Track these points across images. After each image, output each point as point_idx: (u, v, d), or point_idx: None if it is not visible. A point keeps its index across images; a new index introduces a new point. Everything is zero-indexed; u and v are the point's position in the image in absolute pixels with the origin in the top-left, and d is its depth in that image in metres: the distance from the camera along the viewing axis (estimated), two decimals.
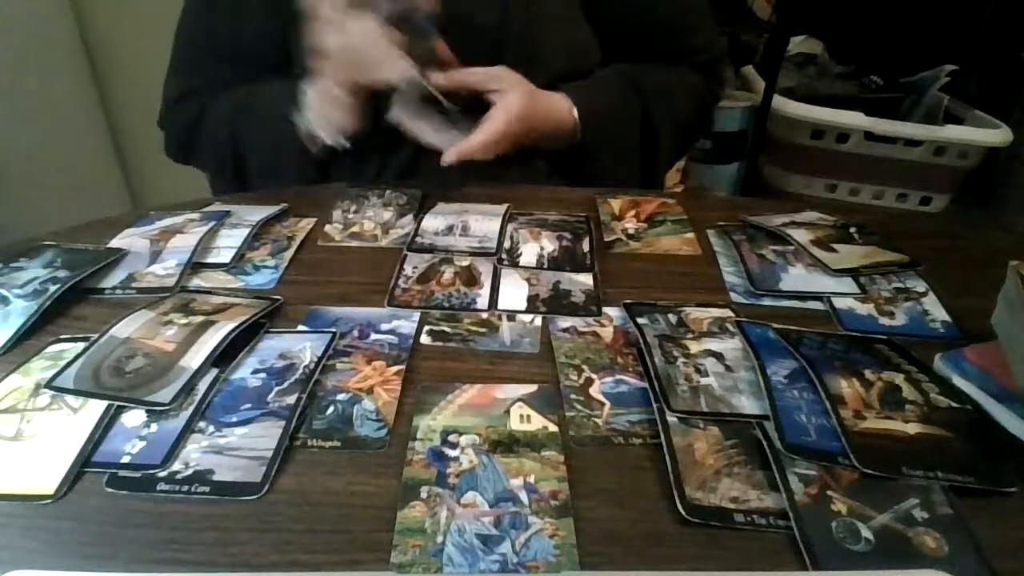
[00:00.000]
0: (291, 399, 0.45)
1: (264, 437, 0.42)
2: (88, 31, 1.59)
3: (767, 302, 0.57)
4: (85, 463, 0.40)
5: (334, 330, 0.52)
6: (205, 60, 0.81)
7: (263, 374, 0.47)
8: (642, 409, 0.45)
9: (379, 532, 0.36)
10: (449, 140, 0.70)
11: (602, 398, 0.46)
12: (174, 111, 0.83)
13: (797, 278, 0.59)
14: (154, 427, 0.43)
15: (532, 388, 0.47)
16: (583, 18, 0.80)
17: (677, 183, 1.90)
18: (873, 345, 0.50)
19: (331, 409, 0.45)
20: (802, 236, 0.64)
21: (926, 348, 0.50)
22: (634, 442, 0.43)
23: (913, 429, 0.42)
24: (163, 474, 0.40)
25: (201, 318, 0.52)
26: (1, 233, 1.28)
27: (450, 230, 0.67)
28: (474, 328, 0.54)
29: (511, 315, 0.55)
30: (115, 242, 0.63)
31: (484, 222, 0.67)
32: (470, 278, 0.60)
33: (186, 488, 0.39)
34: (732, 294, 0.58)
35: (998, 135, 1.73)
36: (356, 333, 0.52)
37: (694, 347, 0.50)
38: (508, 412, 0.45)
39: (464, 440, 0.42)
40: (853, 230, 0.66)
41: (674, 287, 0.59)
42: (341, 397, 0.46)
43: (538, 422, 0.44)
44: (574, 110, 0.75)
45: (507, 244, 0.64)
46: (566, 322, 0.54)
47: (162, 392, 0.44)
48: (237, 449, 0.41)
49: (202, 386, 0.46)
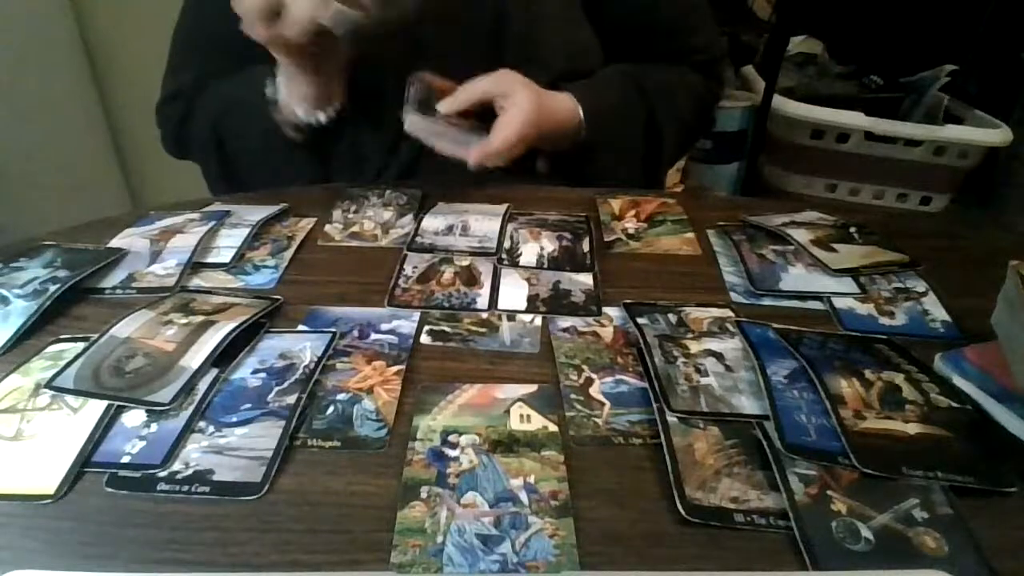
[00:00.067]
0: (291, 399, 0.45)
1: (264, 437, 0.42)
2: (88, 31, 1.59)
3: (767, 302, 0.57)
4: (85, 463, 0.40)
5: (334, 330, 0.52)
6: (201, 57, 0.80)
7: (263, 374, 0.47)
8: (642, 409, 0.45)
9: (379, 532, 0.36)
10: (467, 146, 0.68)
11: (602, 398, 0.46)
12: (170, 107, 0.82)
13: (797, 278, 0.59)
14: (154, 427, 0.43)
15: (532, 388, 0.47)
16: (584, 18, 0.80)
17: (677, 183, 1.90)
18: (873, 345, 0.50)
19: (331, 409, 0.45)
20: (802, 236, 0.64)
21: (926, 348, 0.50)
22: (634, 442, 0.43)
23: (913, 429, 0.42)
24: (163, 474, 0.40)
25: (201, 318, 0.52)
26: (1, 233, 1.28)
27: (450, 230, 0.67)
28: (474, 328, 0.54)
29: (511, 315, 0.55)
30: (115, 242, 0.63)
31: (484, 222, 0.67)
32: (470, 278, 0.60)
33: (186, 488, 0.39)
34: (732, 294, 0.58)
35: (998, 135, 1.73)
36: (356, 333, 0.52)
37: (694, 347, 0.50)
38: (508, 412, 0.45)
39: (464, 440, 0.42)
40: (853, 230, 0.66)
41: (674, 287, 0.59)
42: (341, 397, 0.46)
43: (538, 422, 0.44)
44: (579, 109, 0.75)
45: (507, 244, 0.64)
46: (566, 322, 0.54)
47: (162, 392, 0.44)
48: (237, 449, 0.41)
49: (202, 386, 0.46)
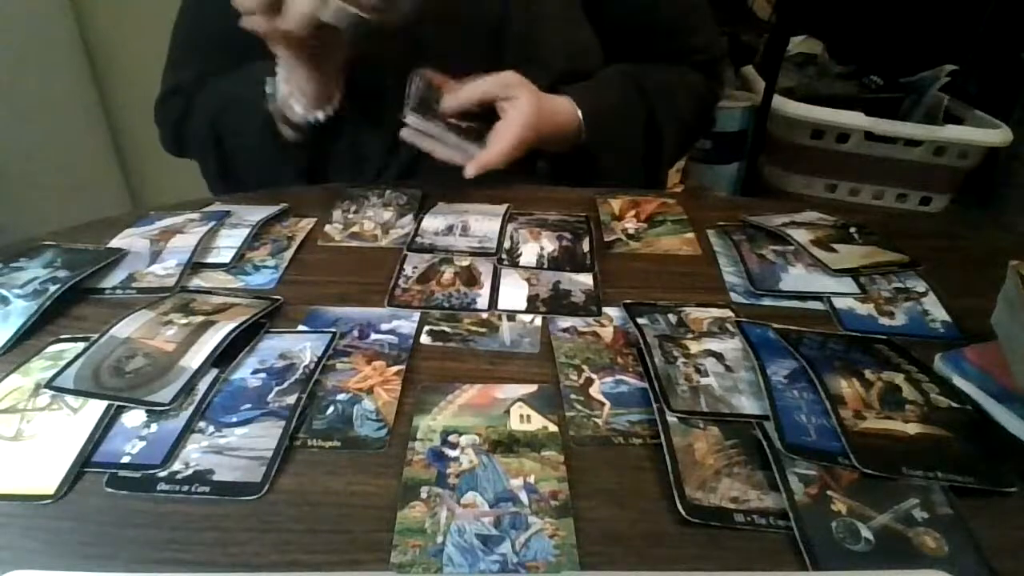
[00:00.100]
0: (291, 399, 0.45)
1: (264, 437, 0.42)
2: (88, 31, 1.59)
3: (767, 302, 0.57)
4: (85, 463, 0.40)
5: (334, 330, 0.52)
6: (201, 54, 0.80)
7: (263, 374, 0.47)
8: (642, 409, 0.45)
9: (379, 532, 0.36)
10: (464, 153, 0.69)
11: (602, 398, 0.46)
12: (168, 105, 0.82)
13: (797, 278, 0.59)
14: (154, 427, 0.43)
15: (532, 388, 0.47)
16: (584, 18, 0.80)
17: (677, 183, 1.90)
18: (873, 345, 0.50)
19: (331, 409, 0.45)
20: (802, 236, 0.64)
21: (926, 348, 0.50)
22: (634, 442, 0.43)
23: (913, 429, 0.42)
24: (163, 474, 0.40)
25: (201, 318, 0.52)
26: (1, 233, 1.28)
27: (450, 230, 0.66)
28: (474, 328, 0.54)
29: (511, 315, 0.55)
30: (115, 242, 0.63)
31: (484, 222, 0.67)
32: (470, 278, 0.60)
33: (186, 488, 0.39)
34: (732, 294, 0.58)
35: (998, 135, 1.73)
36: (356, 333, 0.52)
37: (694, 347, 0.50)
38: (508, 412, 0.45)
39: (464, 440, 0.42)
40: (853, 230, 0.66)
41: (674, 287, 0.59)
42: (341, 397, 0.46)
43: (538, 422, 0.44)
44: (578, 112, 0.75)
45: (507, 244, 0.64)
46: (566, 322, 0.54)
47: (162, 392, 0.44)
48: (237, 449, 0.41)
49: (202, 386, 0.46)
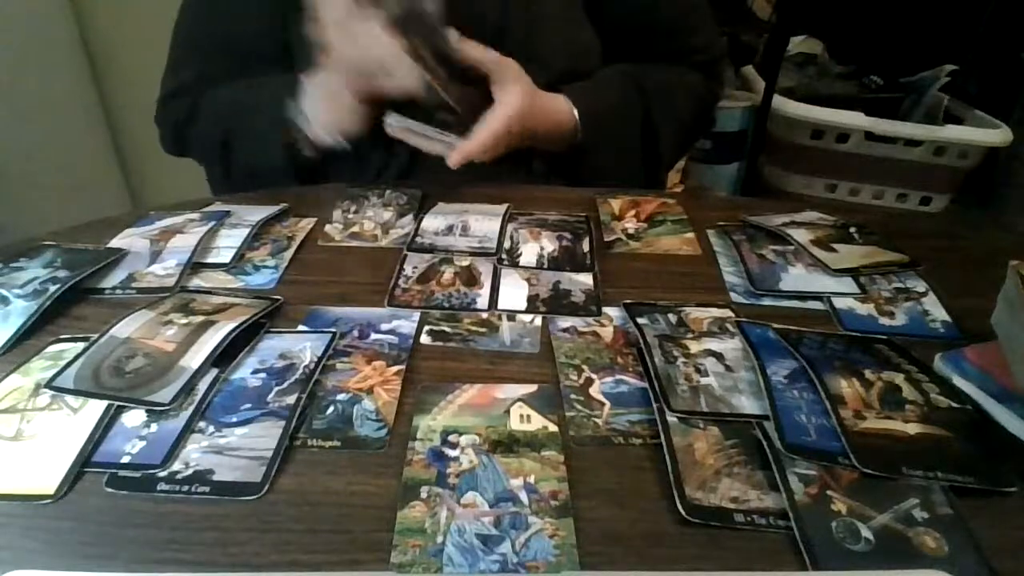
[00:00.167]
0: (291, 399, 0.45)
1: (264, 437, 0.42)
2: (88, 31, 1.59)
3: (767, 302, 0.57)
4: (85, 463, 0.40)
5: (334, 330, 0.52)
6: (202, 55, 0.80)
7: (263, 374, 0.47)
8: (642, 409, 0.45)
9: (379, 532, 0.36)
10: (447, 145, 0.69)
11: (602, 398, 0.46)
12: (170, 106, 0.82)
13: (797, 278, 0.59)
14: (154, 427, 0.43)
15: (532, 388, 0.47)
16: (584, 18, 0.80)
17: (677, 183, 1.90)
18: (873, 345, 0.50)
19: (331, 409, 0.45)
20: (802, 236, 0.64)
21: (926, 348, 0.50)
22: (634, 442, 0.43)
23: (913, 429, 0.42)
24: (163, 474, 0.40)
25: (201, 318, 0.52)
26: (1, 233, 1.28)
27: (450, 230, 0.66)
28: (474, 328, 0.54)
29: (511, 315, 0.55)
30: (115, 242, 0.63)
31: (484, 222, 0.67)
32: (470, 278, 0.60)
33: (186, 488, 0.39)
34: (732, 294, 0.58)
35: (998, 135, 1.72)
36: (356, 333, 0.52)
37: (694, 347, 0.50)
38: (508, 412, 0.45)
39: (464, 440, 0.42)
40: (853, 230, 0.66)
41: (674, 287, 0.59)
42: (341, 397, 0.46)
43: (538, 422, 0.44)
44: (575, 111, 0.75)
45: (507, 244, 0.64)
46: (566, 322, 0.54)
47: (162, 392, 0.44)
48: (237, 449, 0.41)
49: (202, 386, 0.46)
